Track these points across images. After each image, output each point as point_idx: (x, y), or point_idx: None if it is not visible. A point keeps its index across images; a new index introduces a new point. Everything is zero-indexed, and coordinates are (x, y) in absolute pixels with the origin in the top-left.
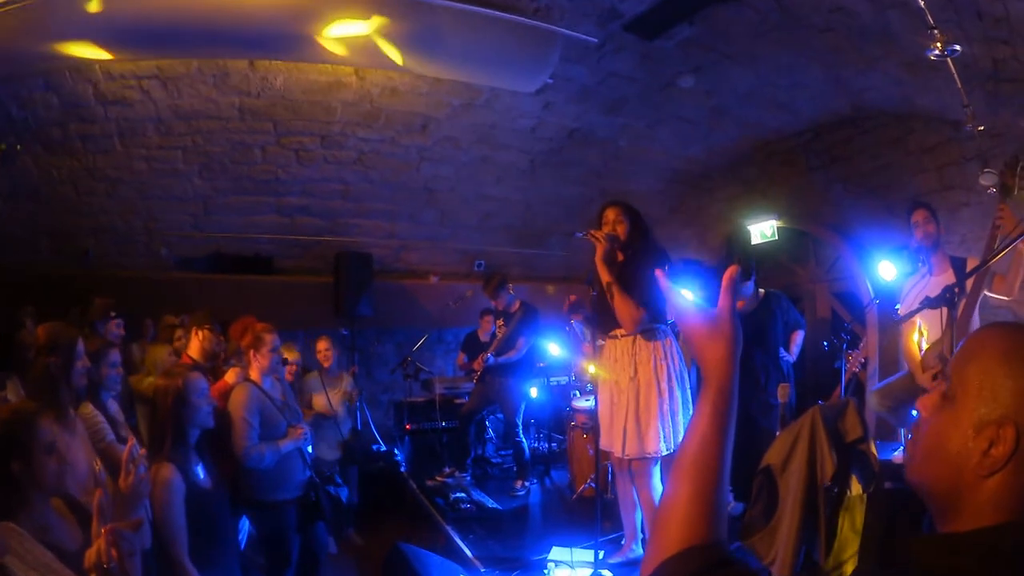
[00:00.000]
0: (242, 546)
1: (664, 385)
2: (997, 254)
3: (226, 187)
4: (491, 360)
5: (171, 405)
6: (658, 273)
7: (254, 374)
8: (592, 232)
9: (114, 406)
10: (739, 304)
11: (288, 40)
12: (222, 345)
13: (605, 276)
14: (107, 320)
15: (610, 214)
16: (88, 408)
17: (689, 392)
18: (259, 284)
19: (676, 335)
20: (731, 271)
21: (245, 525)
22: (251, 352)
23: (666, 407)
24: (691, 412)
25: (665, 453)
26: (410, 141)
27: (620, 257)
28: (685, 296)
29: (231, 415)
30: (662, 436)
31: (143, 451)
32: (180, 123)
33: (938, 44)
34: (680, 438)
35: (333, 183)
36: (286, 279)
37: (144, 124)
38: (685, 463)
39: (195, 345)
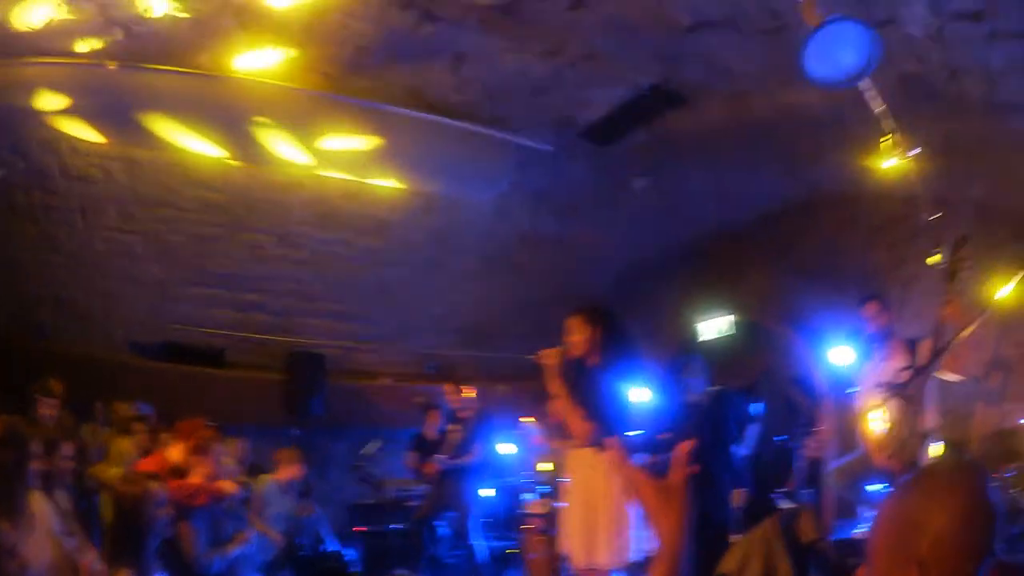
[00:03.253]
0: None
1: (616, 499)
2: (943, 350)
3: (183, 277)
4: (443, 464)
5: (130, 513)
6: (611, 443)
7: (199, 478)
8: (542, 355)
9: (63, 498)
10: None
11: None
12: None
13: (555, 392)
14: (36, 401)
15: (570, 324)
16: (40, 501)
17: None
18: (210, 377)
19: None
20: (686, 446)
21: None
22: (196, 457)
23: (619, 522)
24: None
25: (614, 568)
26: (365, 243)
27: (591, 361)
28: (639, 469)
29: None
30: (611, 550)
31: (104, 566)
32: (141, 209)
33: (896, 152)
34: (631, 553)
35: (287, 282)
36: (237, 374)
37: (106, 204)
38: None
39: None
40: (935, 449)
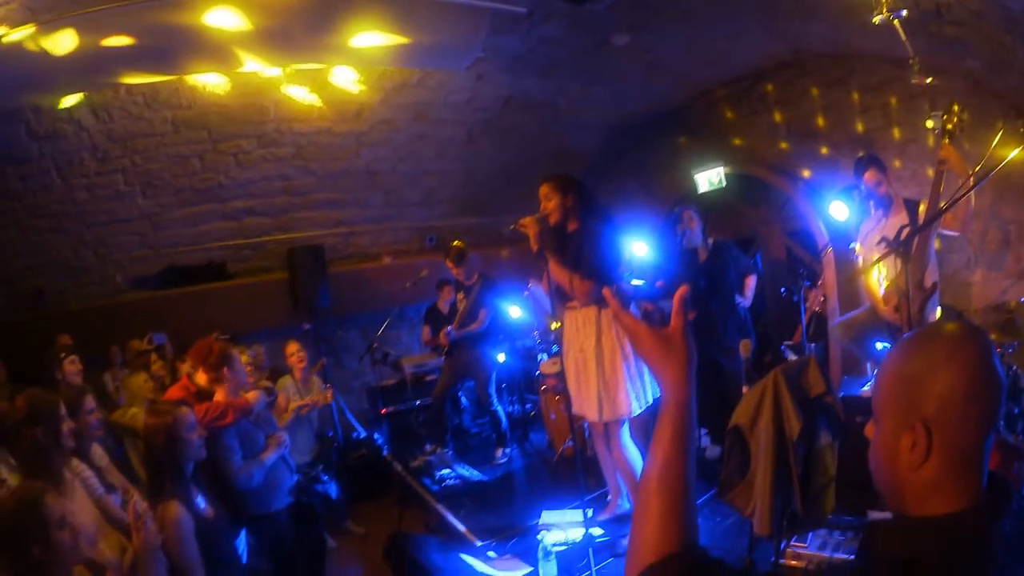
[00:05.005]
0: (244, 559)
1: (628, 349)
2: (951, 203)
3: (170, 201)
4: (453, 335)
5: (164, 443)
6: (606, 293)
7: (223, 395)
8: (519, 223)
9: (98, 451)
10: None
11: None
12: None
13: (549, 257)
14: (60, 363)
15: (541, 191)
16: (74, 463)
17: None
18: (216, 292)
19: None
20: (682, 291)
21: (244, 537)
22: (225, 371)
23: (632, 369)
24: None
25: (638, 412)
26: (346, 129)
27: (571, 227)
28: (636, 319)
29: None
30: (633, 396)
31: (145, 504)
32: (115, 146)
33: (884, 9)
34: (649, 395)
35: (275, 181)
36: (242, 282)
37: (80, 153)
38: (652, 480)
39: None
40: (937, 311)
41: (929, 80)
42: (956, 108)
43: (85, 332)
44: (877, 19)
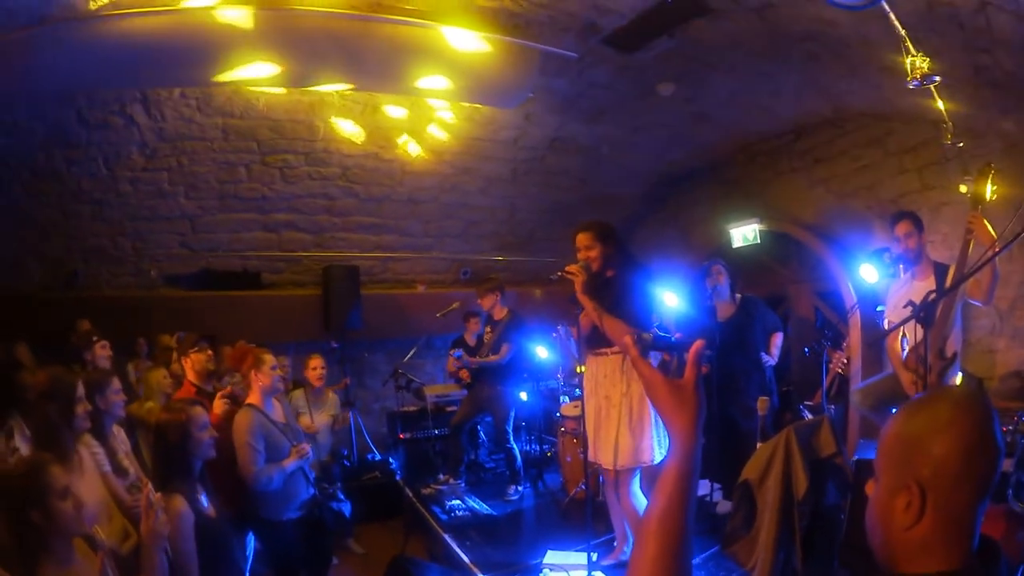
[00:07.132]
0: (249, 561)
1: (639, 401)
2: (972, 270)
3: (213, 206)
4: (468, 364)
5: (177, 440)
6: (627, 341)
7: (256, 397)
8: (566, 270)
9: (121, 434)
10: (721, 310)
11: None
12: (212, 360)
13: (588, 306)
14: (91, 345)
15: (581, 240)
16: (87, 438)
17: None
18: (247, 299)
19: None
20: (697, 345)
21: (251, 540)
22: (252, 374)
23: (639, 425)
24: None
25: (660, 460)
26: (392, 155)
27: (608, 274)
28: (653, 367)
29: (236, 441)
30: (656, 443)
31: (158, 495)
32: (164, 145)
33: (917, 74)
34: (656, 453)
35: (318, 198)
36: (274, 294)
37: (128, 147)
38: (652, 523)
39: (190, 372)
40: (958, 378)
41: (960, 144)
42: (988, 170)
43: (113, 320)
44: (911, 84)
